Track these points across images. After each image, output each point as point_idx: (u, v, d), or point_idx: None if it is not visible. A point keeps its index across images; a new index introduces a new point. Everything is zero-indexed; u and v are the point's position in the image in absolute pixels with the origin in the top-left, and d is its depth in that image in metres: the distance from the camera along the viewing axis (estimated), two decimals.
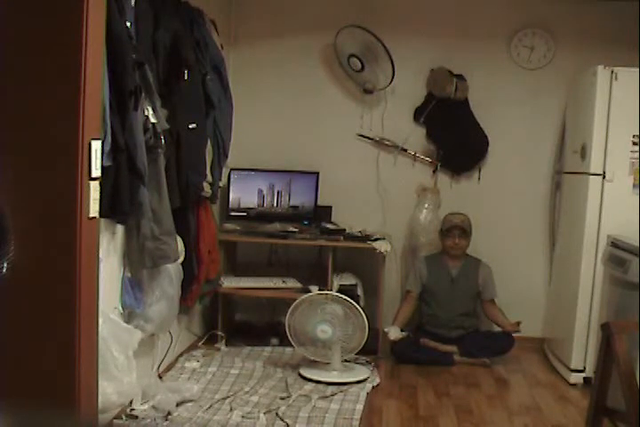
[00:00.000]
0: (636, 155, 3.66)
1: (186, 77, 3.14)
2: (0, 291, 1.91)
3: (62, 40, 2.01)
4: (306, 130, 4.59)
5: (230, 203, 4.42)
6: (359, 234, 4.28)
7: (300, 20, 4.53)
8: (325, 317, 3.70)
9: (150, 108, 2.80)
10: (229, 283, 4.18)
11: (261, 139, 4.57)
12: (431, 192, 4.48)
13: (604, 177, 3.70)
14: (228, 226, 4.37)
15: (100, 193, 2.19)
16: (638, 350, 2.80)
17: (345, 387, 3.58)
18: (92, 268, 2.18)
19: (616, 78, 3.64)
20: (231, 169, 4.35)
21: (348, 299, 3.70)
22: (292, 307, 3.74)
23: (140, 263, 2.94)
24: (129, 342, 2.77)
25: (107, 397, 2.57)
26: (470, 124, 4.47)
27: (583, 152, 3.83)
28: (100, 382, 2.36)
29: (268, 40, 4.55)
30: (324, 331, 3.69)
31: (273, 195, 4.45)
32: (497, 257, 4.43)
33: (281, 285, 4.22)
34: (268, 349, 4.21)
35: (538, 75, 4.45)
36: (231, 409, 3.21)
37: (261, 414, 3.14)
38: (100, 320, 2.40)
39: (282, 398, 3.37)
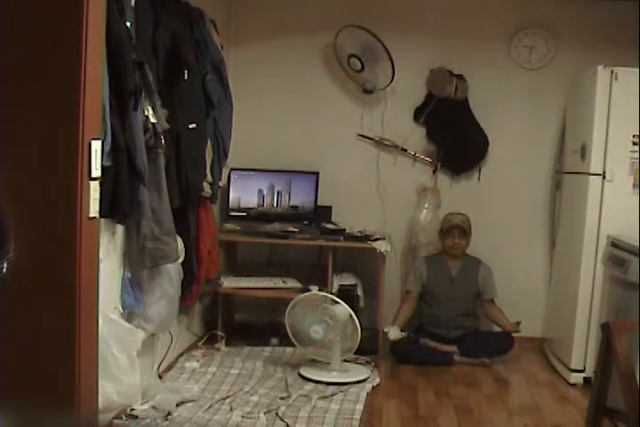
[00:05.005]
0: (636, 155, 3.66)
1: (186, 77, 3.15)
2: (0, 291, 1.91)
3: (62, 40, 2.00)
4: (306, 130, 4.59)
5: (230, 203, 4.42)
6: (359, 234, 4.27)
7: (300, 20, 4.53)
8: (320, 317, 3.70)
9: (150, 108, 2.80)
10: (229, 283, 4.18)
11: (261, 139, 4.57)
12: (431, 192, 4.48)
13: (604, 177, 3.70)
14: (228, 226, 4.37)
15: (100, 193, 2.19)
16: (638, 350, 2.79)
17: (345, 387, 3.58)
18: (92, 268, 2.18)
19: (616, 78, 3.64)
20: (231, 169, 4.35)
21: (339, 300, 3.70)
22: (289, 306, 3.75)
23: (139, 263, 2.94)
24: (131, 342, 2.77)
25: (107, 397, 2.57)
26: (470, 124, 4.47)
27: (583, 152, 3.83)
28: (100, 382, 2.36)
29: (268, 40, 4.55)
30: (316, 331, 3.70)
31: (273, 195, 4.45)
32: (497, 257, 4.43)
33: (281, 285, 4.22)
34: (268, 349, 4.21)
35: (538, 75, 4.45)
36: (231, 409, 3.21)
37: (261, 414, 3.14)
38: (100, 320, 2.40)
39: (282, 398, 3.37)
